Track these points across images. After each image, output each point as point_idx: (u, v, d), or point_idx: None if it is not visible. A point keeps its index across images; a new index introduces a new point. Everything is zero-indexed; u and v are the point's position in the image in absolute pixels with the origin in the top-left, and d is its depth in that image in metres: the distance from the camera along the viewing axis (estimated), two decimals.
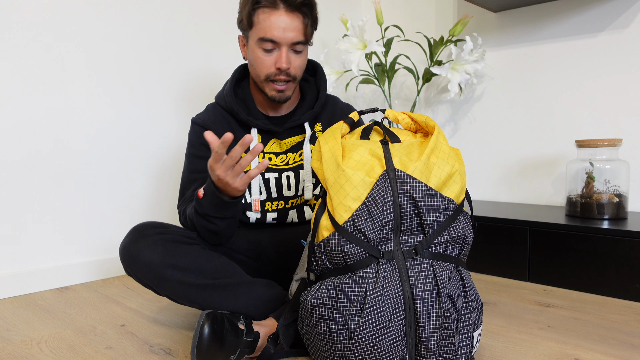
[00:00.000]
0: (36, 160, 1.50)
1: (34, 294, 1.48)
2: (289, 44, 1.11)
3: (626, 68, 1.74)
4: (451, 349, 0.83)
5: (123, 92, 1.69)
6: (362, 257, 0.83)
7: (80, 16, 1.57)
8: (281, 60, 1.10)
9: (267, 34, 1.09)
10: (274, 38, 1.09)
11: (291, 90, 1.17)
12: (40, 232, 1.52)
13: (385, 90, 2.39)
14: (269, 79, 1.13)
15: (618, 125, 1.77)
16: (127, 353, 1.03)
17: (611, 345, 1.04)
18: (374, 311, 0.79)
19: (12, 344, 1.09)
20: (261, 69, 1.13)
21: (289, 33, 1.09)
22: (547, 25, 1.92)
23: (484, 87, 2.11)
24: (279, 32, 1.09)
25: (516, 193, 2.04)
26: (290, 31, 1.09)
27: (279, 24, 1.08)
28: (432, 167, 0.85)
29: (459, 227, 0.87)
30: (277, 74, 1.12)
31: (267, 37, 1.09)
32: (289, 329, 0.96)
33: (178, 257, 1.02)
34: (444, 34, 2.22)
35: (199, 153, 1.19)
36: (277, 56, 1.11)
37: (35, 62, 1.49)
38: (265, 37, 1.09)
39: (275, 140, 1.23)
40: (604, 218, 1.56)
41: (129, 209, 1.73)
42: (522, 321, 1.20)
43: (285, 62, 1.10)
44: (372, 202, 0.82)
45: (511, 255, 1.59)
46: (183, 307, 1.33)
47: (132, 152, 1.72)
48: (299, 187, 1.23)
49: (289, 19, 1.09)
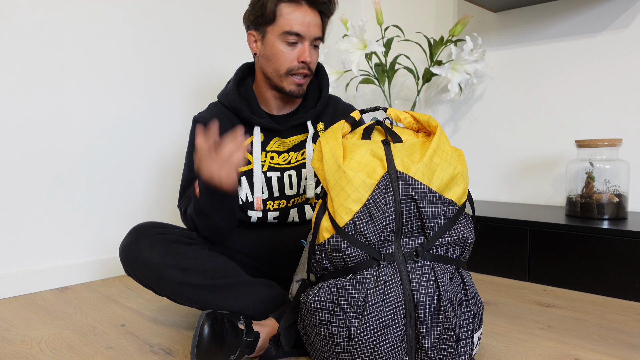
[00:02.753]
0: (36, 160, 1.50)
1: (34, 294, 1.48)
2: (312, 38, 1.15)
3: (626, 68, 1.74)
4: (451, 351, 0.83)
5: (124, 92, 1.68)
6: (362, 259, 0.83)
7: (80, 16, 1.57)
8: (305, 53, 1.14)
9: (294, 27, 1.12)
10: (300, 32, 1.12)
11: (306, 86, 1.20)
12: (40, 232, 1.52)
13: (385, 90, 2.38)
14: (291, 72, 1.15)
15: (618, 125, 1.77)
16: (127, 353, 1.03)
17: (611, 345, 1.04)
18: (375, 313, 0.79)
19: (12, 344, 1.09)
20: (282, 63, 1.15)
21: (312, 28, 1.14)
22: (547, 25, 1.92)
23: (484, 87, 2.11)
24: (304, 26, 1.12)
25: (516, 193, 2.04)
26: (313, 26, 1.14)
27: (304, 19, 1.12)
28: (434, 169, 0.84)
29: (460, 229, 0.86)
30: (300, 67, 1.15)
31: (293, 30, 1.12)
32: (290, 331, 0.96)
33: (178, 257, 1.02)
34: (444, 34, 2.22)
35: None
36: (300, 50, 1.14)
37: (35, 62, 1.48)
38: (292, 30, 1.12)
39: (277, 138, 1.23)
40: (604, 218, 1.56)
41: (129, 209, 1.73)
42: (522, 321, 1.20)
43: (309, 56, 1.14)
44: (373, 204, 0.82)
45: (511, 255, 1.59)
46: (183, 307, 1.33)
47: (132, 152, 1.72)
48: (300, 186, 1.23)
49: (312, 14, 1.14)
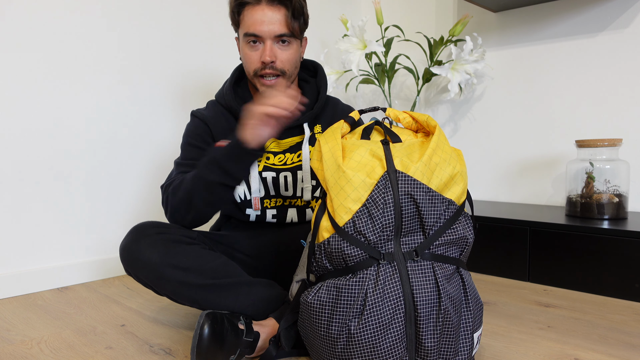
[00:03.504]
0: (36, 160, 1.50)
1: (34, 294, 1.48)
2: (271, 37, 1.12)
3: (626, 68, 1.74)
4: (451, 350, 0.83)
5: (123, 92, 1.68)
6: (362, 258, 0.83)
7: (79, 15, 1.57)
8: (265, 53, 1.12)
9: (250, 28, 1.11)
10: (256, 32, 1.11)
11: (282, 86, 1.17)
12: (40, 232, 1.52)
13: (385, 90, 2.38)
14: (257, 74, 1.15)
15: (618, 125, 1.77)
16: (127, 353, 1.03)
17: (611, 345, 1.04)
18: (374, 313, 0.79)
19: (12, 344, 1.09)
20: (249, 65, 1.15)
21: (270, 26, 1.11)
22: (547, 25, 1.92)
23: (484, 87, 2.11)
24: (261, 25, 1.10)
25: (516, 193, 2.04)
26: (271, 24, 1.11)
27: (260, 18, 1.10)
28: (434, 168, 0.84)
29: (459, 229, 0.86)
30: (263, 68, 1.14)
31: (250, 32, 1.12)
32: (290, 331, 0.96)
33: (178, 257, 1.02)
34: (444, 34, 2.22)
35: (195, 142, 1.19)
36: (261, 50, 1.13)
37: (33, 63, 1.49)
38: (249, 32, 1.12)
39: (273, 139, 1.22)
40: (604, 218, 1.56)
41: (129, 209, 1.73)
42: (522, 321, 1.20)
43: (268, 55, 1.12)
44: (372, 204, 0.82)
45: (511, 255, 1.59)
46: (183, 307, 1.33)
47: (132, 152, 1.72)
48: (297, 189, 1.23)
49: (270, 11, 1.11)
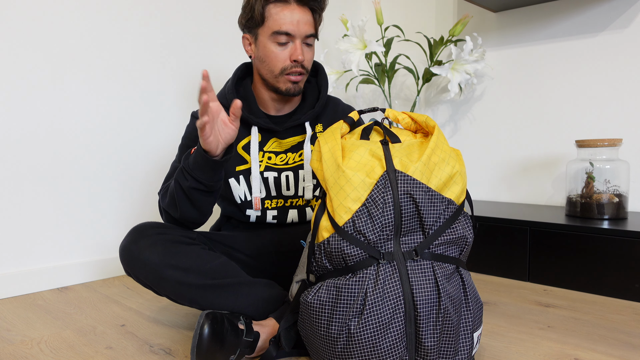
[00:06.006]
0: (36, 160, 1.50)
1: (34, 294, 1.48)
2: (302, 36, 1.14)
3: (626, 68, 1.74)
4: (451, 350, 0.83)
5: (123, 92, 1.69)
6: (362, 258, 0.83)
7: (78, 15, 1.57)
8: (297, 52, 1.13)
9: (282, 27, 1.11)
10: (289, 31, 1.12)
11: (303, 83, 1.19)
12: (40, 232, 1.52)
13: (385, 90, 2.38)
14: (285, 72, 1.15)
15: (618, 125, 1.77)
16: (127, 353, 1.03)
17: (611, 345, 1.04)
18: (374, 312, 0.79)
19: (12, 344, 1.09)
20: (276, 64, 1.15)
21: (302, 26, 1.13)
22: (547, 25, 1.92)
23: (484, 87, 2.11)
24: (293, 24, 1.12)
25: (516, 193, 2.04)
26: (303, 24, 1.13)
27: (293, 17, 1.11)
28: (432, 168, 0.84)
29: (459, 228, 0.87)
30: (293, 66, 1.14)
31: (282, 30, 1.12)
32: (290, 332, 0.96)
33: (178, 257, 1.02)
34: (444, 34, 2.22)
35: (191, 144, 1.20)
36: (292, 49, 1.14)
37: (32, 62, 1.49)
38: (280, 30, 1.12)
39: (275, 139, 1.23)
40: (604, 218, 1.55)
41: (129, 209, 1.73)
42: (522, 321, 1.20)
43: (300, 54, 1.13)
44: (372, 204, 0.82)
45: (511, 255, 1.59)
46: (183, 307, 1.33)
47: (132, 152, 1.72)
48: (298, 188, 1.23)
49: (301, 12, 1.13)
